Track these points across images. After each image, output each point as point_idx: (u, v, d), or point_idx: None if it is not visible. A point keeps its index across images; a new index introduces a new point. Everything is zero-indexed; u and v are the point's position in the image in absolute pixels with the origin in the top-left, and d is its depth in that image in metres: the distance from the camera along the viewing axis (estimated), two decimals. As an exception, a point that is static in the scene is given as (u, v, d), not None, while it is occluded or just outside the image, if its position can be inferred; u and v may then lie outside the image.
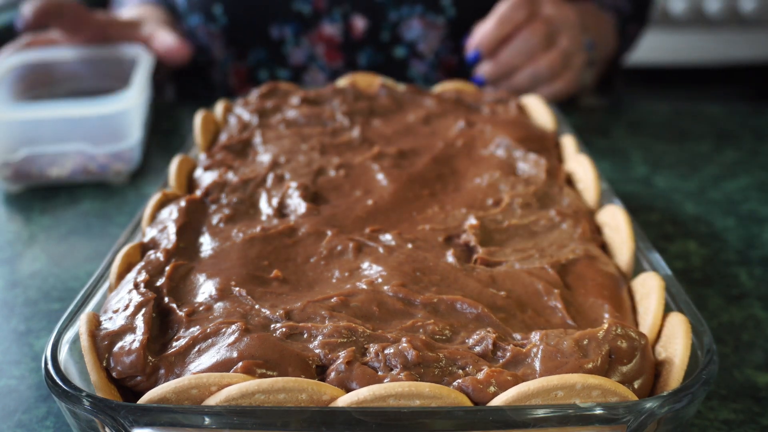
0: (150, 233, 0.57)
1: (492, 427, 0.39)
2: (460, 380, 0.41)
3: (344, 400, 0.39)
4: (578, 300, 0.50)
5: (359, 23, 1.09)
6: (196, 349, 0.44)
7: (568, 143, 0.74)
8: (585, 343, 0.43)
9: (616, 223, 0.58)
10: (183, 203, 0.59)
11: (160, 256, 0.52)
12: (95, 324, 0.46)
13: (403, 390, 0.39)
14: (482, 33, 0.96)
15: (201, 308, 0.47)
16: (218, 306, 0.48)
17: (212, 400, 0.40)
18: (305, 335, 0.45)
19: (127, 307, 0.47)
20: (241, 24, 1.10)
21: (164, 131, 1.02)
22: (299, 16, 1.09)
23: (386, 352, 0.43)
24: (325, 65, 1.11)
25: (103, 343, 0.44)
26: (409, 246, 0.55)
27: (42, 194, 0.84)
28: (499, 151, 0.71)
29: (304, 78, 1.13)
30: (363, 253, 0.54)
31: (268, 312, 0.47)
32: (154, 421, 0.39)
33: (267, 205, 0.61)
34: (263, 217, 0.59)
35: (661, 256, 0.55)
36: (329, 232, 0.56)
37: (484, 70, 0.97)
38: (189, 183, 0.67)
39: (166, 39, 1.02)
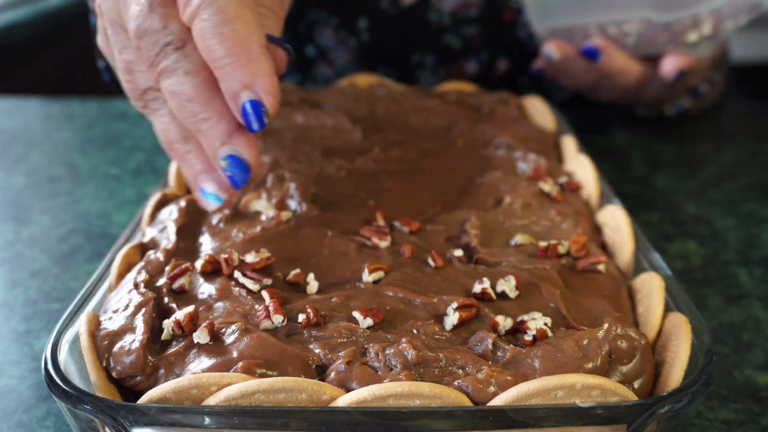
0: (150, 233, 0.57)
1: (492, 427, 0.39)
2: (460, 380, 0.41)
3: (344, 400, 0.40)
4: (578, 300, 0.50)
5: (501, 65, 1.04)
6: (196, 349, 0.44)
7: (568, 143, 0.74)
8: (585, 343, 0.44)
9: (616, 223, 0.58)
10: (183, 203, 0.59)
11: (160, 256, 0.52)
12: (95, 324, 0.46)
13: (403, 390, 0.39)
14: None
15: (201, 308, 0.47)
16: (218, 306, 0.48)
17: (212, 400, 0.40)
18: (305, 335, 0.45)
19: (127, 307, 0.47)
20: (383, 45, 1.02)
21: (164, 131, 1.02)
22: (447, 49, 1.02)
23: (386, 352, 0.43)
24: None
25: (103, 343, 0.44)
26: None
27: (42, 194, 0.84)
28: (499, 151, 0.71)
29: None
30: (363, 253, 0.54)
31: (268, 312, 0.47)
32: (154, 421, 0.39)
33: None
34: (263, 217, 0.59)
35: (661, 256, 0.55)
36: (329, 232, 0.56)
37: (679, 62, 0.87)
38: (189, 183, 0.67)
39: None
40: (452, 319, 0.46)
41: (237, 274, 0.50)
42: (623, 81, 0.86)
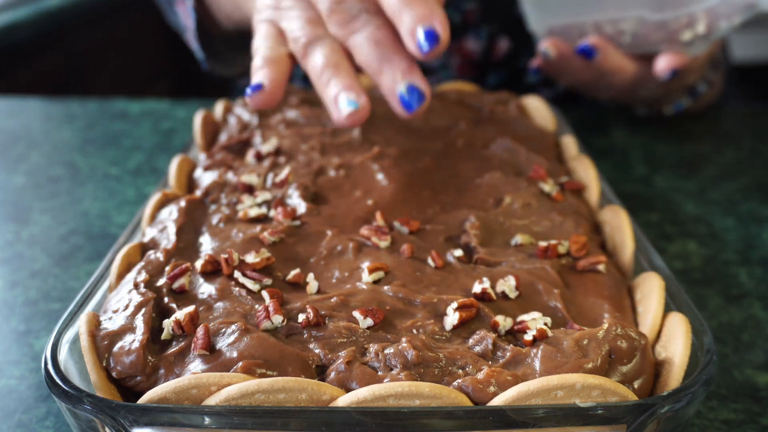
0: (150, 233, 0.57)
1: (492, 427, 0.39)
2: (460, 380, 0.41)
3: (344, 400, 0.40)
4: (578, 300, 0.50)
5: (503, 44, 1.05)
6: (196, 349, 0.44)
7: (569, 143, 0.74)
8: (585, 343, 0.44)
9: (616, 223, 0.58)
10: (183, 203, 0.59)
11: (160, 256, 0.52)
12: (95, 324, 0.46)
13: (403, 390, 0.39)
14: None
15: (201, 308, 0.48)
16: (218, 306, 0.48)
17: (212, 400, 0.40)
18: (305, 335, 0.45)
19: (127, 307, 0.47)
20: None
21: (164, 131, 1.02)
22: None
23: (386, 352, 0.43)
24: (454, 74, 1.08)
25: (103, 343, 0.44)
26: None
27: (42, 194, 0.84)
28: (499, 151, 0.71)
29: (428, 79, 1.08)
30: (363, 253, 0.54)
31: (268, 312, 0.47)
32: (154, 421, 0.39)
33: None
34: (257, 210, 0.59)
35: (661, 256, 0.55)
36: (329, 232, 0.56)
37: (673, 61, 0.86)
38: (189, 183, 0.67)
39: None
40: (452, 319, 0.46)
41: (237, 274, 0.50)
42: (619, 80, 0.87)
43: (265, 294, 0.48)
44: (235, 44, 0.96)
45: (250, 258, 0.51)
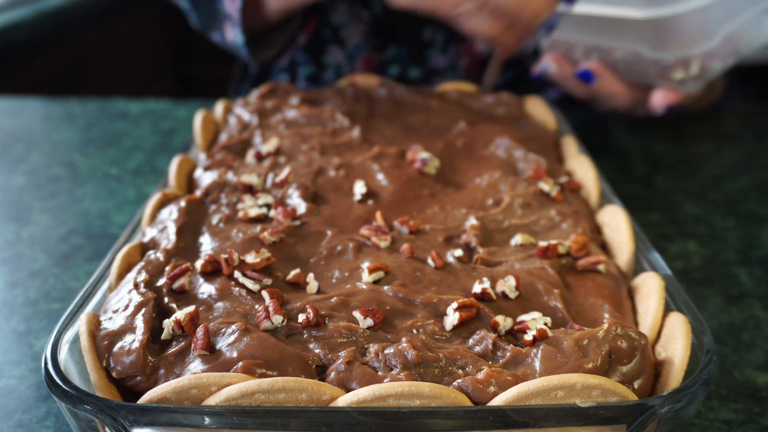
0: (150, 233, 0.57)
1: (492, 427, 0.39)
2: (460, 380, 0.41)
3: (344, 400, 0.40)
4: (578, 300, 0.50)
5: None
6: (196, 349, 0.44)
7: (569, 143, 0.74)
8: (585, 343, 0.44)
9: (616, 223, 0.58)
10: (183, 203, 0.59)
11: (160, 256, 0.52)
12: (95, 324, 0.46)
13: (403, 390, 0.39)
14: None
15: (201, 308, 0.48)
16: (218, 306, 0.48)
17: (212, 400, 0.40)
18: (305, 335, 0.45)
19: (127, 307, 0.47)
20: (394, 19, 1.04)
21: (164, 131, 1.02)
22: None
23: (386, 352, 0.43)
24: (462, 76, 1.08)
25: (103, 343, 0.44)
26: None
27: (42, 194, 0.84)
28: (499, 151, 0.71)
29: (434, 80, 1.08)
30: (363, 253, 0.54)
31: (268, 312, 0.47)
32: (154, 421, 0.39)
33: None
34: (257, 210, 0.59)
35: (661, 256, 0.55)
36: (329, 232, 0.56)
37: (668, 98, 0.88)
38: (189, 183, 0.67)
39: None
40: (452, 319, 0.46)
41: (237, 274, 0.50)
42: (613, 103, 0.89)
43: (265, 294, 0.48)
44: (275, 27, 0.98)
45: (250, 258, 0.51)
